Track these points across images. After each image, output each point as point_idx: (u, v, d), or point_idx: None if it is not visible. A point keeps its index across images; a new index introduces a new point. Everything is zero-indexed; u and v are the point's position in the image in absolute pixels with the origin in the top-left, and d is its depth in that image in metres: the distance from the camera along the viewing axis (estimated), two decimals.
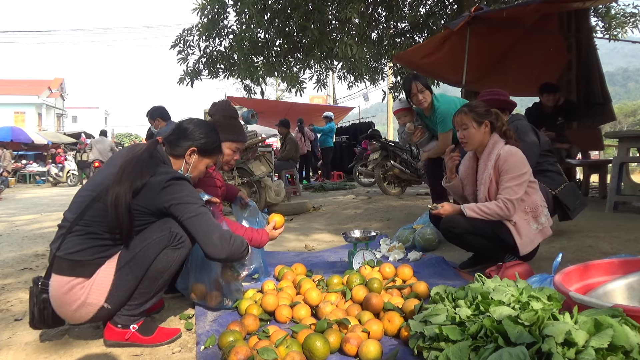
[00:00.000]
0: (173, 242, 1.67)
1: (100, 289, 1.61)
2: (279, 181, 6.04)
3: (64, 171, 16.84)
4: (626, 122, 37.91)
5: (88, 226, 1.62)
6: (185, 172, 1.86)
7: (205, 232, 1.67)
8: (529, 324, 1.26)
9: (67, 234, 1.63)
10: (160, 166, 1.71)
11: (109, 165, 1.75)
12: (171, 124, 4.90)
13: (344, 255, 2.98)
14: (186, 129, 1.86)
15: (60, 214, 1.75)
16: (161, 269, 1.68)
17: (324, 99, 23.95)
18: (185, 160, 1.85)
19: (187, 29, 7.02)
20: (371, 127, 12.49)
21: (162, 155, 1.80)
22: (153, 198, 1.63)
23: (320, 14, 6.36)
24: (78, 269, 1.60)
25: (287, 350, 1.51)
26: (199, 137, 1.85)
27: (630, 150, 4.37)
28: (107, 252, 1.64)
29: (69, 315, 1.64)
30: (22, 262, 3.23)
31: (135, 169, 1.64)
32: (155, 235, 1.66)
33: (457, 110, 2.41)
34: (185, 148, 1.83)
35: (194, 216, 1.65)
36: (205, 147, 1.87)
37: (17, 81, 37.64)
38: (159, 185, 1.63)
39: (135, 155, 1.71)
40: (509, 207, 2.22)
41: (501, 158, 2.28)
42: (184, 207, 1.65)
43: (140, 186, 1.61)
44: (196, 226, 1.66)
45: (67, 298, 1.60)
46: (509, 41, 5.62)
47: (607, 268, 1.74)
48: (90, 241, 1.61)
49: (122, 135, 49.11)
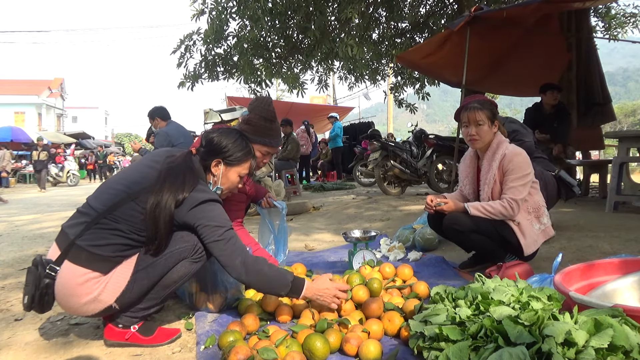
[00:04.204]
0: (194, 255, 1.69)
1: (115, 287, 1.60)
2: (279, 181, 6.04)
3: (64, 171, 16.87)
4: (626, 122, 37.92)
5: (116, 222, 1.60)
6: (215, 184, 1.84)
7: (228, 255, 1.65)
8: (529, 324, 1.26)
9: (92, 224, 1.60)
10: (199, 182, 1.72)
11: (147, 166, 1.72)
12: (172, 123, 4.91)
13: (344, 255, 2.98)
14: (211, 141, 1.83)
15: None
16: (175, 279, 1.69)
17: (324, 99, 23.96)
18: (212, 172, 1.83)
19: (187, 34, 7.03)
20: (371, 127, 12.50)
21: (199, 168, 1.79)
22: (184, 213, 1.64)
23: (320, 14, 6.37)
24: (97, 263, 1.58)
25: (287, 350, 1.51)
26: (224, 149, 1.82)
27: (630, 150, 4.37)
28: (128, 251, 1.64)
29: (74, 307, 1.60)
30: (22, 262, 3.23)
31: (177, 181, 1.64)
32: (178, 245, 1.67)
33: (469, 106, 2.33)
34: (211, 160, 1.82)
35: (219, 240, 1.65)
36: (232, 157, 1.84)
37: (17, 81, 37.68)
38: (192, 203, 1.64)
39: (174, 165, 1.70)
40: (513, 207, 2.21)
41: (506, 158, 2.26)
42: (211, 230, 1.64)
43: (182, 200, 1.62)
44: (221, 249, 1.65)
45: (80, 290, 1.56)
46: (509, 41, 5.62)
47: (608, 268, 1.74)
48: (115, 238, 1.60)
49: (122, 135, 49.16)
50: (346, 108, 17.31)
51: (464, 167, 2.56)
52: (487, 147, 2.36)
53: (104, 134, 44.71)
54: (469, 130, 2.33)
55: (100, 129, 44.22)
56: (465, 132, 2.38)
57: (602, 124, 6.55)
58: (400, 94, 8.66)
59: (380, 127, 16.05)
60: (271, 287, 1.72)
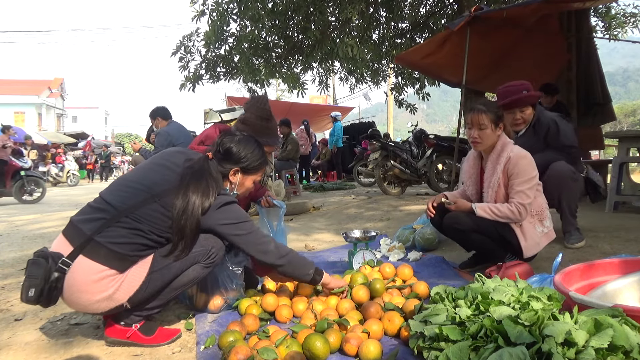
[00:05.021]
0: (206, 260, 1.73)
1: (129, 287, 1.60)
2: (279, 181, 6.05)
3: (64, 171, 16.85)
4: (626, 122, 37.88)
5: (138, 222, 1.60)
6: (231, 190, 1.89)
7: (263, 242, 1.76)
8: (529, 324, 1.26)
9: (112, 222, 1.59)
10: (220, 187, 1.77)
11: (164, 166, 1.73)
12: (173, 123, 4.92)
13: (344, 255, 2.98)
14: (229, 150, 1.85)
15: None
16: (185, 281, 1.72)
17: (324, 99, 23.95)
18: (230, 180, 1.88)
19: (187, 35, 7.04)
20: (372, 127, 12.48)
21: (218, 173, 1.82)
22: (207, 218, 1.67)
23: (321, 14, 6.38)
24: (115, 261, 1.57)
25: (287, 350, 1.51)
26: (243, 159, 1.87)
27: (630, 150, 4.37)
28: (145, 252, 1.64)
29: (83, 304, 1.58)
30: (22, 262, 3.23)
31: (201, 185, 1.66)
32: (194, 249, 1.68)
33: (474, 109, 2.33)
34: (229, 169, 1.86)
35: (250, 233, 1.74)
36: (250, 166, 1.89)
37: (17, 81, 37.68)
38: (215, 207, 1.68)
39: (195, 169, 1.71)
40: (521, 211, 2.21)
41: (511, 161, 2.24)
42: (238, 227, 1.72)
43: (208, 207, 1.66)
44: (255, 240, 1.74)
45: (95, 287, 1.54)
46: (509, 41, 5.61)
47: (608, 268, 1.75)
48: (135, 237, 1.60)
49: (122, 135, 49.13)
50: (346, 108, 17.30)
51: (467, 168, 2.54)
52: (492, 149, 2.35)
53: (104, 134, 44.71)
54: (472, 132, 2.33)
55: (100, 129, 44.23)
56: (468, 133, 2.38)
57: (602, 124, 6.54)
58: (401, 94, 8.66)
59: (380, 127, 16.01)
60: (300, 269, 1.85)
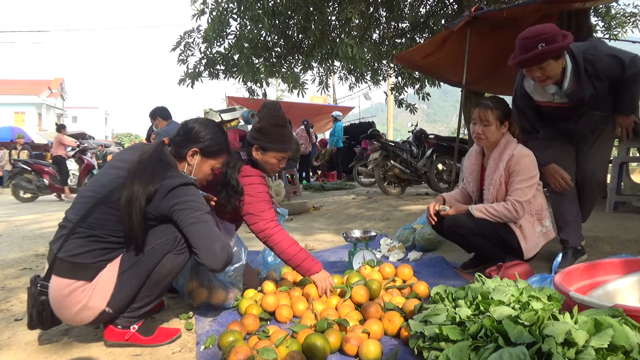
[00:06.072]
0: (177, 247, 1.67)
1: (102, 292, 1.60)
2: (279, 181, 6.05)
3: None
4: None
5: (91, 229, 1.59)
6: (189, 173, 1.81)
7: (207, 238, 1.60)
8: (529, 324, 1.26)
9: (70, 235, 1.60)
10: (169, 170, 1.67)
11: (114, 167, 1.71)
12: (173, 123, 4.92)
13: (344, 255, 2.98)
14: (191, 129, 1.81)
15: (61, 214, 1.75)
16: (165, 273, 1.68)
17: (324, 99, 23.95)
18: (188, 161, 1.80)
19: (187, 31, 7.04)
20: (372, 127, 12.47)
21: (169, 157, 1.75)
22: (158, 203, 1.60)
23: (320, 14, 6.37)
24: (79, 272, 1.58)
25: (287, 350, 1.51)
26: (204, 138, 1.80)
27: (630, 150, 4.37)
28: (109, 255, 1.62)
29: (69, 318, 1.62)
30: (22, 262, 3.23)
31: (146, 173, 1.60)
32: (159, 240, 1.65)
33: (481, 104, 2.32)
34: (188, 149, 1.79)
35: (196, 222, 1.59)
36: (209, 148, 1.81)
37: (17, 81, 37.64)
38: (164, 191, 1.60)
39: (143, 158, 1.67)
40: (517, 209, 2.20)
41: (514, 159, 2.24)
42: (186, 213, 1.59)
43: (153, 192, 1.58)
44: (198, 232, 1.60)
45: (68, 301, 1.57)
46: (509, 41, 5.60)
47: (608, 268, 1.75)
48: (92, 244, 1.59)
49: (122, 135, 49.16)
50: (346, 108, 17.30)
51: (468, 164, 2.54)
52: (494, 146, 2.34)
53: (104, 134, 44.70)
54: (476, 128, 2.33)
55: (100, 129, 44.21)
56: (472, 128, 2.37)
57: None
58: (401, 94, 8.66)
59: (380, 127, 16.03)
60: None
